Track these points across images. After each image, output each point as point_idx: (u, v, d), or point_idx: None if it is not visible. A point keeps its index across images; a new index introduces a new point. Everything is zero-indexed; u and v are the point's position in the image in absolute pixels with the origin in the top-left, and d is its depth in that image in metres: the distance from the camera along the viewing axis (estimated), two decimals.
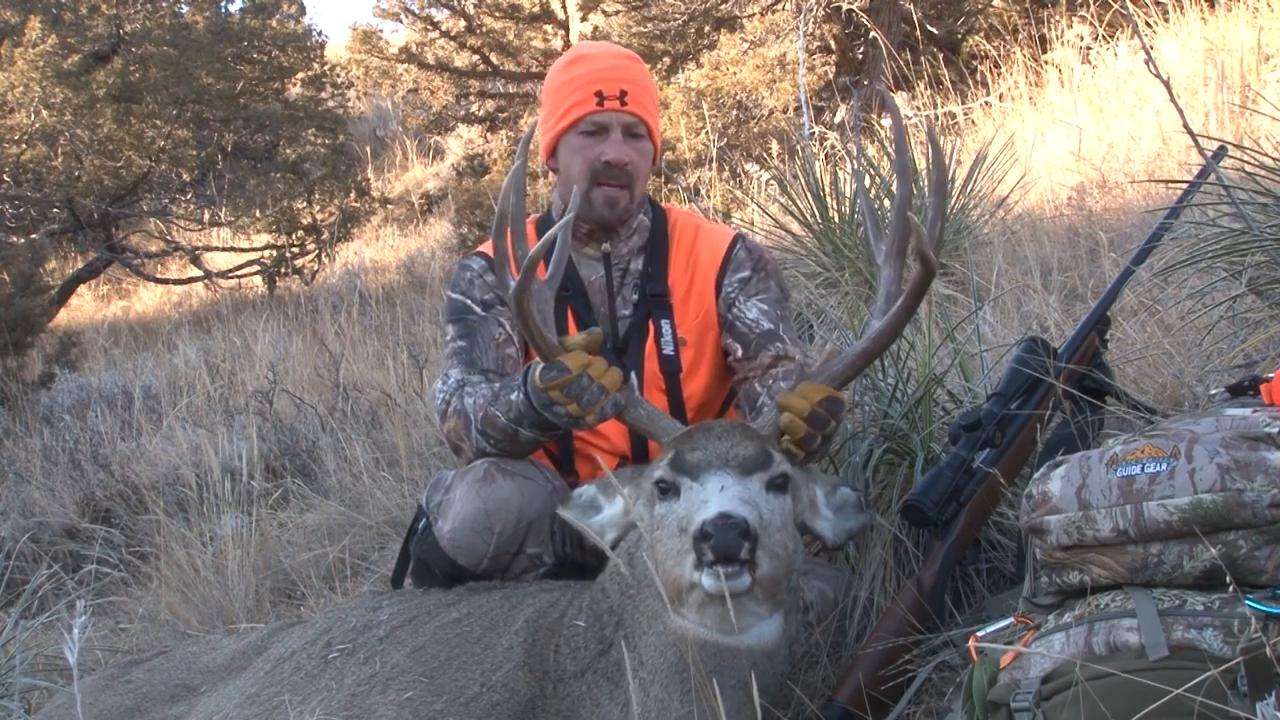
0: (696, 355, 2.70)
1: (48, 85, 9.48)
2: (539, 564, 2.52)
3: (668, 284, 2.72)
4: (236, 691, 2.40)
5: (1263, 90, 5.21)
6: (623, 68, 2.69)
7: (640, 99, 2.67)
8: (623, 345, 2.69)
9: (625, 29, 10.62)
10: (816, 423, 2.12)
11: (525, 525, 2.47)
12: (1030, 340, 2.47)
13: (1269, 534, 1.65)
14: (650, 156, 2.74)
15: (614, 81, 2.64)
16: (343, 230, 10.95)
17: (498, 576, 2.51)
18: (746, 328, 2.66)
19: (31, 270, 8.62)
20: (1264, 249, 2.82)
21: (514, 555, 2.50)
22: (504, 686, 2.15)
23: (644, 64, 2.81)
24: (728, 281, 2.72)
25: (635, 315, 2.71)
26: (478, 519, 2.46)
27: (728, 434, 2.10)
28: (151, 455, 5.61)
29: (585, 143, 2.65)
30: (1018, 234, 4.84)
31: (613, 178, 2.64)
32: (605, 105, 2.63)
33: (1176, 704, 1.51)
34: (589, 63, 2.70)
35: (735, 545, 1.89)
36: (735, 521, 1.90)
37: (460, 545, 2.47)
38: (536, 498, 2.49)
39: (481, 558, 2.47)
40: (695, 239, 2.77)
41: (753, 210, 6.41)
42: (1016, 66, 7.24)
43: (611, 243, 2.74)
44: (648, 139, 2.71)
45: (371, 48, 12.50)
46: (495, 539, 2.46)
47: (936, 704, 2.16)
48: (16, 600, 3.51)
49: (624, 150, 2.64)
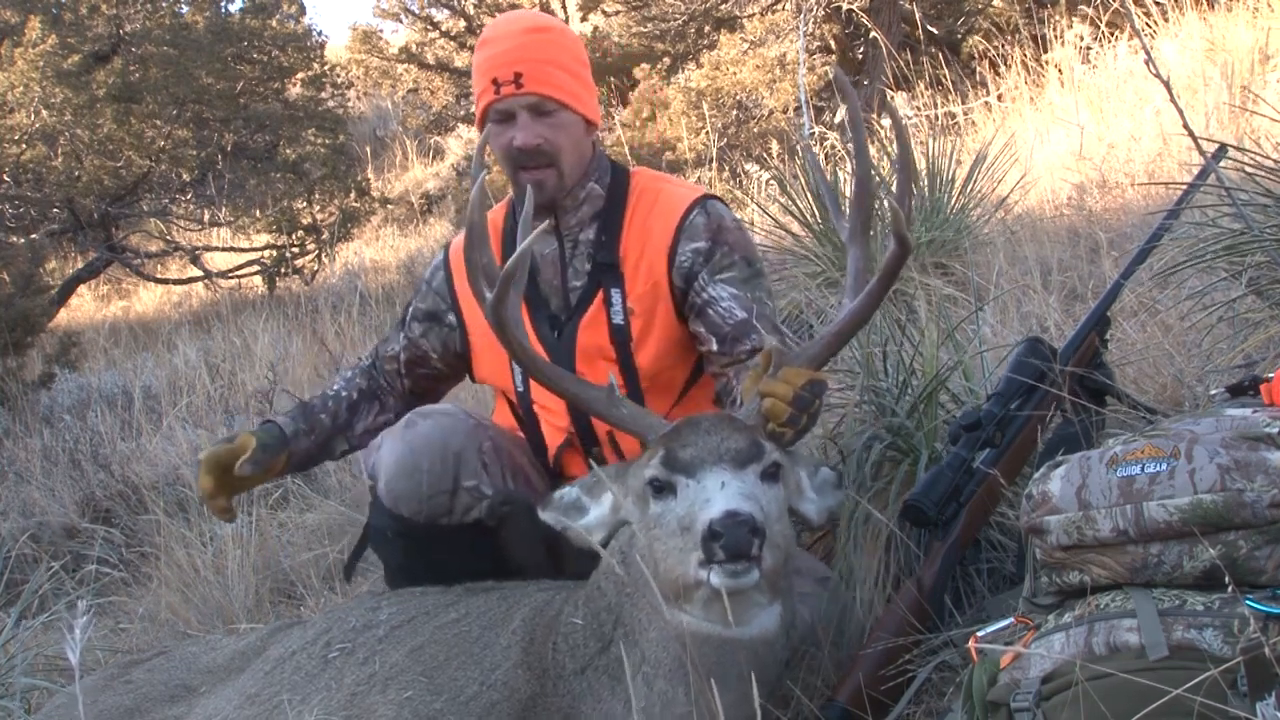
0: (645, 325, 2.63)
1: (48, 85, 9.47)
2: (480, 497, 2.55)
3: (619, 253, 2.64)
4: (236, 692, 2.40)
5: (1263, 90, 5.21)
6: (518, 47, 2.57)
7: (539, 76, 2.55)
8: (572, 315, 2.65)
9: (625, 29, 10.64)
10: (800, 404, 2.10)
11: (452, 457, 2.52)
12: (1030, 340, 2.47)
13: (1269, 534, 1.65)
14: (574, 126, 2.61)
15: (508, 65, 2.55)
16: (343, 230, 10.94)
17: (444, 520, 2.53)
18: (719, 317, 2.54)
19: (31, 270, 8.61)
20: (1264, 249, 2.82)
21: (452, 494, 2.53)
22: (503, 685, 2.16)
23: (552, 31, 2.67)
24: (681, 251, 2.59)
25: (587, 284, 2.65)
26: (404, 461, 2.52)
27: (716, 427, 2.09)
28: (151, 455, 5.61)
29: (496, 131, 2.59)
30: (1018, 234, 4.83)
31: (530, 161, 2.59)
32: (502, 91, 2.55)
33: (1176, 704, 1.51)
34: (489, 47, 2.62)
35: (746, 542, 1.89)
36: (744, 519, 1.90)
37: (397, 494, 2.53)
38: (458, 430, 2.55)
39: (418, 500, 2.51)
40: (654, 204, 2.65)
41: (753, 210, 6.41)
42: (1016, 66, 7.24)
43: (558, 215, 2.67)
44: (563, 110, 2.59)
45: (371, 48, 12.52)
46: (426, 477, 2.50)
47: (936, 704, 2.16)
48: (16, 600, 3.51)
49: (532, 131, 2.55)
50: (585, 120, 2.65)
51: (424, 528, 2.55)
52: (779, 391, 2.10)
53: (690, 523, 1.98)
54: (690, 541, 1.97)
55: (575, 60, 2.66)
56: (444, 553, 2.57)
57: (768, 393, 2.11)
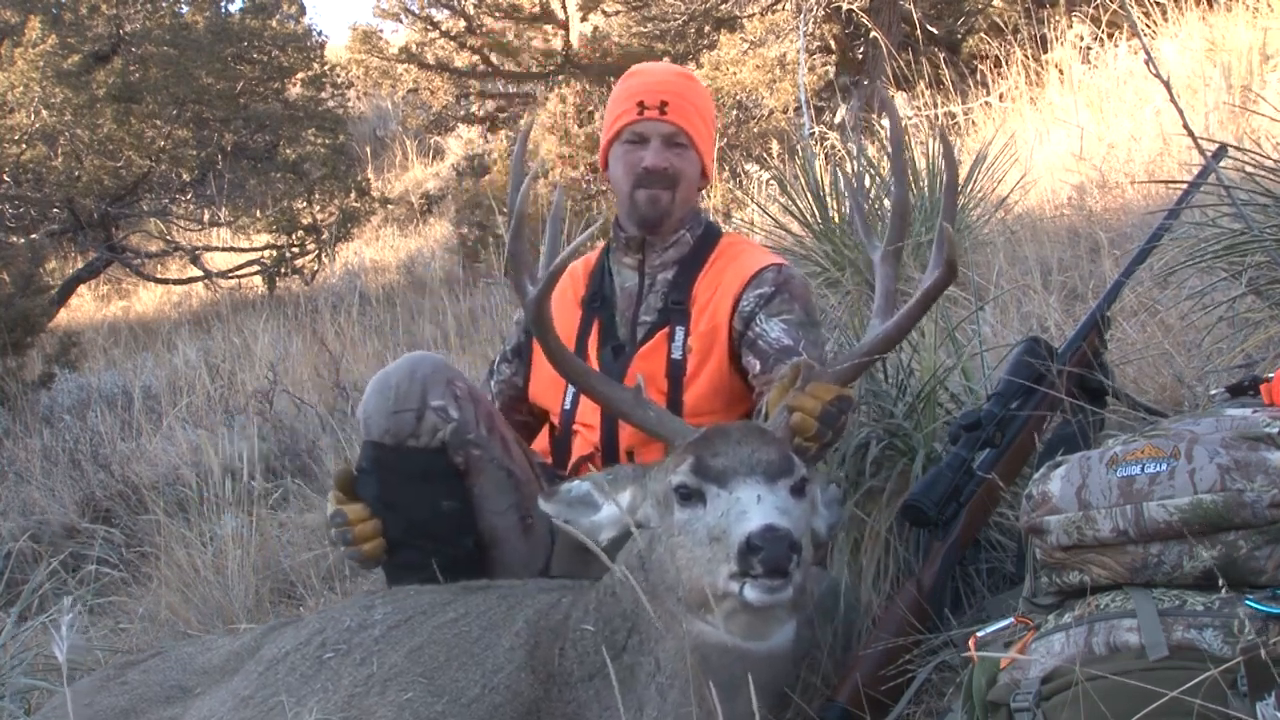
0: (699, 364, 2.71)
1: (48, 85, 9.48)
2: (446, 419, 2.60)
3: (690, 294, 2.77)
4: (230, 693, 2.39)
5: (1263, 90, 5.21)
6: (669, 82, 2.79)
7: (682, 110, 2.75)
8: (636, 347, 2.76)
9: (625, 29, 10.64)
10: (827, 419, 2.11)
11: (420, 380, 2.61)
12: (1030, 340, 2.47)
13: (1269, 534, 1.64)
14: (696, 166, 2.81)
15: (656, 93, 2.75)
16: (343, 230, 10.95)
17: (412, 442, 2.58)
18: (767, 345, 2.64)
19: (31, 270, 8.62)
20: (1264, 249, 2.82)
21: (418, 412, 2.59)
22: (507, 688, 2.13)
23: (698, 83, 2.91)
24: (745, 298, 2.70)
25: (655, 320, 2.77)
26: (378, 382, 2.64)
27: (747, 438, 2.07)
28: (151, 455, 5.60)
29: (627, 150, 2.77)
30: (1018, 234, 4.83)
31: (654, 182, 2.74)
32: (645, 114, 2.74)
33: (1176, 704, 1.51)
34: (639, 76, 2.85)
35: (785, 558, 1.88)
36: (782, 535, 1.89)
37: (369, 414, 2.63)
38: (426, 361, 2.67)
39: (386, 417, 2.59)
40: (733, 260, 2.78)
41: (753, 210, 6.41)
42: (1016, 66, 7.24)
43: (645, 253, 2.81)
44: (691, 148, 2.77)
45: (371, 48, 12.52)
46: (394, 393, 2.59)
47: (936, 704, 2.16)
48: (16, 600, 3.51)
49: (663, 156, 2.74)
50: (703, 168, 2.84)
51: (393, 450, 2.61)
52: (807, 406, 2.11)
53: (722, 534, 1.95)
54: (722, 553, 1.94)
55: (710, 113, 2.89)
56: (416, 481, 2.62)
57: (796, 407, 2.12)
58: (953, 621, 2.25)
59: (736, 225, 6.29)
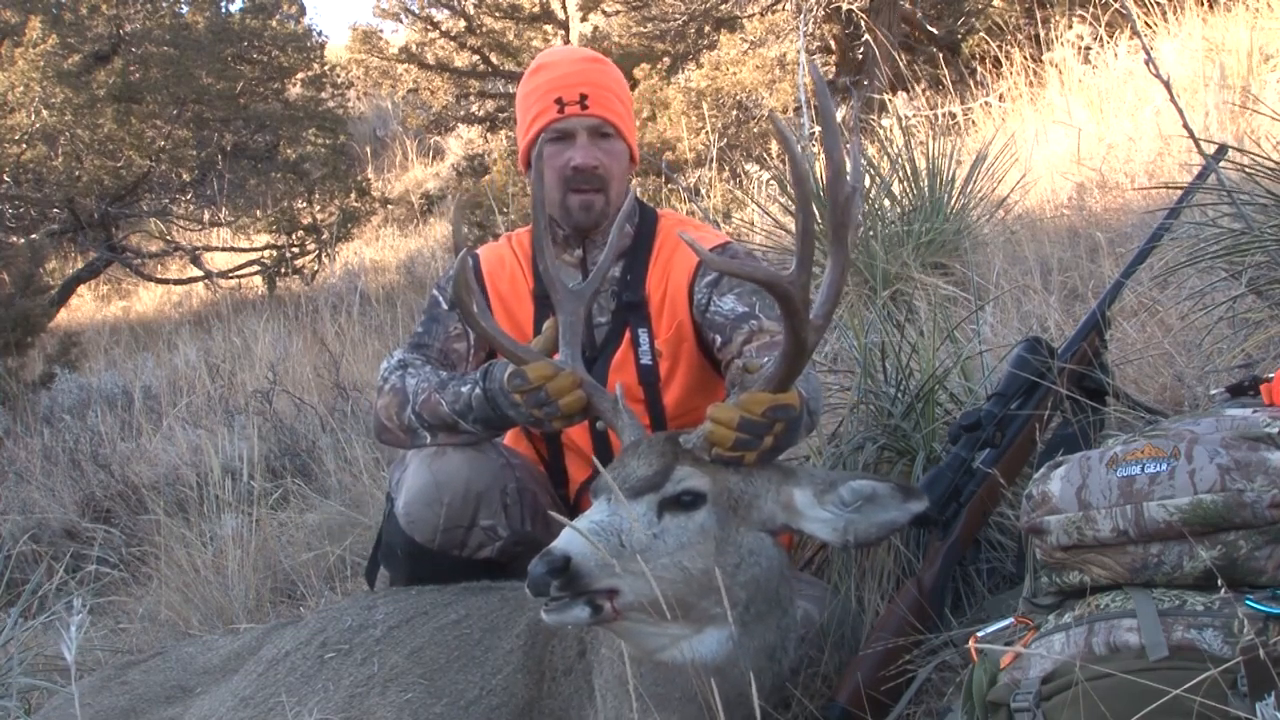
0: (672, 366, 2.68)
1: (48, 85, 9.47)
2: (495, 537, 2.55)
3: (644, 292, 2.69)
4: (230, 693, 2.40)
5: (1263, 90, 5.21)
6: (582, 71, 2.68)
7: (603, 100, 2.66)
8: (598, 353, 2.68)
9: (625, 29, 10.65)
10: (750, 429, 2.02)
11: (474, 496, 2.52)
12: (1030, 340, 2.47)
13: (1269, 534, 1.64)
14: (624, 156, 2.72)
15: (573, 87, 2.64)
16: (343, 230, 10.94)
17: (456, 552, 2.54)
18: (723, 318, 2.58)
19: (31, 270, 8.63)
20: (1264, 249, 2.82)
21: (468, 529, 2.53)
22: (503, 690, 2.15)
23: (609, 64, 2.79)
24: (698, 289, 2.63)
25: (612, 323, 2.70)
26: (427, 491, 2.52)
27: (638, 453, 2.06)
28: (151, 455, 5.61)
29: (553, 150, 2.65)
30: (1018, 234, 4.83)
31: (584, 183, 2.65)
32: (566, 111, 2.63)
33: (1176, 704, 1.51)
34: (549, 70, 2.71)
35: (539, 581, 1.86)
36: (552, 558, 1.86)
37: (414, 520, 2.53)
38: (486, 470, 2.54)
39: (434, 530, 2.52)
40: (677, 245, 2.68)
41: (753, 210, 6.40)
42: (1016, 66, 7.24)
43: (586, 249, 2.72)
44: (617, 138, 2.69)
45: (371, 48, 12.51)
46: (445, 510, 2.51)
47: (936, 704, 2.16)
48: (16, 600, 3.51)
49: (591, 153, 2.64)
50: (630, 154, 2.75)
51: (435, 555, 2.56)
52: (723, 417, 2.03)
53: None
54: None
55: (627, 96, 2.79)
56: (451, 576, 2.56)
57: (711, 418, 2.04)
58: (953, 621, 2.25)
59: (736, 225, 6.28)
